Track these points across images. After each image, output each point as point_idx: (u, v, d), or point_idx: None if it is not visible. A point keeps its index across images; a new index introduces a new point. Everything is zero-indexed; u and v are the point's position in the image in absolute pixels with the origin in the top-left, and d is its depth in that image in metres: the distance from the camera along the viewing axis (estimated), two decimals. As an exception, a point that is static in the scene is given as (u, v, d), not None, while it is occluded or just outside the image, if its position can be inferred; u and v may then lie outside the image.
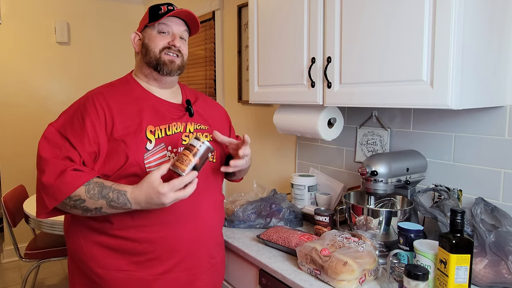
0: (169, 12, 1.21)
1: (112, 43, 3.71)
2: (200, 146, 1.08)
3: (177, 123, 1.23)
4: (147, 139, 1.16)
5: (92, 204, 1.07)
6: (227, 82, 2.69)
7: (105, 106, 1.16)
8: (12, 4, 3.28)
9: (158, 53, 1.23)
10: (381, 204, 1.41)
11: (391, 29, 1.16)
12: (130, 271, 1.16)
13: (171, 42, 1.24)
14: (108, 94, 1.20)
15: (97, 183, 1.08)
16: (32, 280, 2.85)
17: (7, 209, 2.41)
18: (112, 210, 1.08)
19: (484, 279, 1.07)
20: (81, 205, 1.07)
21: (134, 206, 1.07)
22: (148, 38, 1.25)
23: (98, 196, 1.06)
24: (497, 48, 1.17)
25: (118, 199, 1.06)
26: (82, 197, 1.06)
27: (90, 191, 1.07)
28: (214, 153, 1.30)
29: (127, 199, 1.06)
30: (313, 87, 1.44)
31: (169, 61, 1.23)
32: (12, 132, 3.37)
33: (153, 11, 1.24)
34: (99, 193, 1.06)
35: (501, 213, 1.18)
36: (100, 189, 1.07)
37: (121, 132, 1.14)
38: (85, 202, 1.07)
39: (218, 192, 1.34)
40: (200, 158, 1.08)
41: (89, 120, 1.13)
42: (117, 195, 1.06)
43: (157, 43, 1.23)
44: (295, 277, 1.18)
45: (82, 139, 1.11)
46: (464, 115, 1.34)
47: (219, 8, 2.65)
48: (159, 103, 1.24)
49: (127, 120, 1.17)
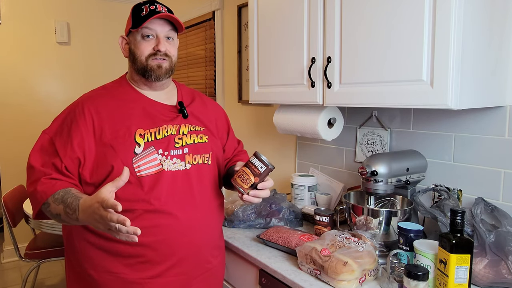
0: (151, 15, 1.16)
1: (112, 43, 3.71)
2: (261, 167, 1.12)
3: (168, 126, 1.21)
4: (135, 143, 1.15)
5: (54, 209, 1.07)
6: (227, 82, 2.69)
7: (94, 112, 1.16)
8: (12, 4, 3.28)
9: (145, 61, 1.19)
10: (381, 204, 1.41)
11: (391, 29, 1.16)
12: (122, 273, 1.15)
13: (156, 47, 1.19)
14: (99, 99, 1.20)
15: (66, 189, 1.08)
16: (32, 280, 2.85)
17: (7, 209, 2.41)
18: (66, 217, 1.04)
19: (484, 279, 1.07)
20: (47, 209, 1.09)
21: (80, 215, 0.99)
22: (134, 45, 1.22)
23: (59, 201, 1.05)
24: (497, 48, 1.17)
25: (72, 204, 1.02)
26: (49, 201, 1.08)
27: (55, 195, 1.07)
28: (211, 154, 1.30)
29: (77, 205, 1.01)
30: (313, 87, 1.44)
31: (157, 66, 1.20)
32: (12, 132, 3.37)
33: (136, 12, 1.20)
34: (62, 197, 1.05)
35: (501, 213, 1.18)
36: (64, 193, 1.06)
37: (109, 136, 1.14)
38: (50, 207, 1.08)
39: (215, 195, 1.30)
40: (260, 179, 1.13)
41: (75, 126, 1.15)
42: (73, 200, 1.03)
43: (142, 50, 1.20)
44: (295, 277, 1.18)
45: (65, 146, 1.13)
46: (464, 115, 1.34)
47: (219, 8, 2.65)
48: (151, 105, 1.23)
49: (116, 124, 1.16)
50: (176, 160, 1.19)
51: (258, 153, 1.13)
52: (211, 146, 1.30)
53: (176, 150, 1.20)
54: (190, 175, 1.21)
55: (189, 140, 1.24)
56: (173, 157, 1.19)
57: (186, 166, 1.20)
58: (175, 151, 1.20)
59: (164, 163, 1.17)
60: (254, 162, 1.13)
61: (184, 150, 1.21)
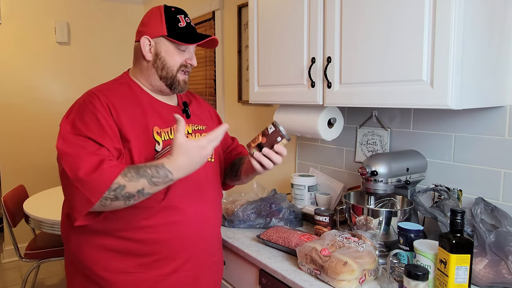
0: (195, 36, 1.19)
1: (112, 43, 3.71)
2: (271, 129, 1.15)
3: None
4: (155, 141, 1.15)
5: (133, 187, 1.02)
6: (227, 82, 2.69)
7: (110, 103, 1.13)
8: (12, 4, 3.28)
9: (176, 72, 1.21)
10: (381, 204, 1.41)
11: (391, 29, 1.16)
12: (136, 272, 1.15)
13: (188, 60, 1.21)
14: (110, 93, 1.17)
15: (130, 166, 1.05)
16: (32, 280, 2.85)
17: (7, 209, 2.41)
18: (154, 188, 1.04)
19: (484, 279, 1.07)
20: (122, 193, 1.01)
21: (175, 174, 1.04)
22: (166, 52, 1.20)
23: (137, 177, 1.02)
24: (497, 47, 1.17)
25: (158, 173, 1.02)
26: (122, 183, 1.01)
27: (127, 174, 1.02)
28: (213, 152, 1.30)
29: (167, 169, 1.03)
30: (313, 87, 1.44)
31: (183, 82, 1.23)
32: (12, 132, 3.37)
33: (171, 19, 1.18)
34: (137, 173, 1.02)
35: (501, 213, 1.18)
36: (136, 169, 1.03)
37: (130, 132, 1.12)
38: (125, 188, 1.01)
39: (217, 191, 1.35)
40: (267, 139, 1.15)
41: (101, 116, 1.10)
42: (156, 170, 1.02)
43: (176, 61, 1.20)
44: (295, 277, 1.18)
45: (103, 136, 1.08)
46: (464, 115, 1.34)
47: (219, 8, 2.65)
48: (160, 106, 1.24)
49: (133, 120, 1.14)
50: None
51: (275, 121, 1.17)
52: None
53: None
54: (198, 172, 1.20)
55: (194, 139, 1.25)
56: None
57: None
58: None
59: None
60: (268, 127, 1.16)
61: None
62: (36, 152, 3.44)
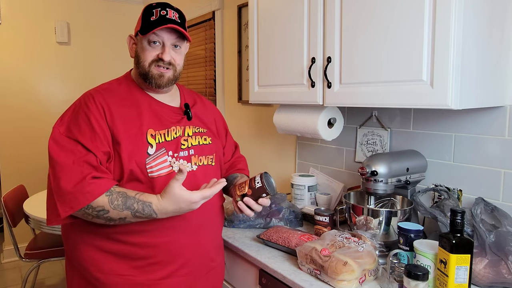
0: (159, 24, 1.14)
1: (112, 43, 3.71)
2: (258, 183, 1.18)
3: (176, 127, 1.22)
4: (148, 144, 1.15)
5: (117, 215, 1.06)
6: (227, 82, 2.69)
7: (105, 105, 1.14)
8: (12, 4, 3.28)
9: (148, 67, 1.18)
10: (381, 204, 1.41)
11: (391, 29, 1.16)
12: (130, 275, 1.15)
13: (160, 54, 1.18)
14: (107, 94, 1.18)
15: (120, 193, 1.07)
16: (32, 280, 2.85)
17: (7, 209, 2.41)
18: (136, 219, 1.09)
19: (484, 279, 1.07)
20: (105, 216, 1.06)
21: (160, 215, 1.08)
22: (140, 48, 1.20)
23: (122, 207, 1.06)
24: (497, 48, 1.17)
25: (144, 210, 1.06)
26: (106, 207, 1.05)
27: (114, 201, 1.06)
28: (214, 155, 1.30)
29: (152, 210, 1.07)
30: (313, 87, 1.44)
31: (158, 75, 1.19)
32: (12, 132, 3.37)
33: (146, 15, 1.18)
34: (123, 204, 1.06)
35: (501, 213, 1.18)
36: (124, 199, 1.06)
37: (122, 134, 1.13)
38: (109, 213, 1.06)
39: (219, 196, 1.33)
40: (253, 192, 1.18)
41: (94, 118, 1.11)
42: (142, 207, 1.06)
43: (146, 56, 1.18)
44: (295, 277, 1.18)
45: (93, 140, 1.09)
46: (464, 115, 1.34)
47: (219, 8, 2.65)
48: (158, 106, 1.23)
49: (127, 122, 1.15)
50: (183, 161, 1.20)
51: (266, 174, 1.19)
52: (214, 147, 1.32)
53: (183, 152, 1.21)
54: (196, 176, 1.22)
55: (194, 142, 1.25)
56: (180, 158, 1.20)
57: (192, 168, 1.22)
58: (182, 153, 1.20)
59: (174, 164, 1.18)
60: (255, 178, 1.19)
61: (190, 151, 1.23)
62: (36, 152, 3.43)
